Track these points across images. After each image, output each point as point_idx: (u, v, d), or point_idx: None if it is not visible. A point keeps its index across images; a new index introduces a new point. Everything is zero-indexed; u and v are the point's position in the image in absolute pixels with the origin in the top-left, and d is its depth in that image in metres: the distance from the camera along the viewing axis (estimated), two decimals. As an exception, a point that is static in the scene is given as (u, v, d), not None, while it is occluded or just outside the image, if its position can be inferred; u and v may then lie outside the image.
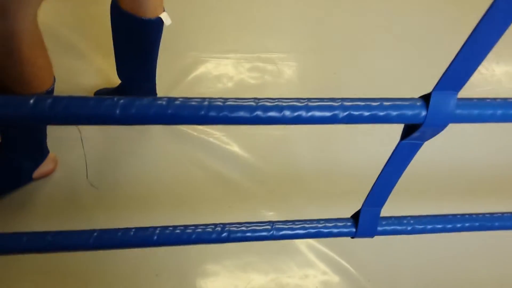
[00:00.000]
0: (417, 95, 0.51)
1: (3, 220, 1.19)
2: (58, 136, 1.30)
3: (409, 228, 0.71)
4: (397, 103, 0.48)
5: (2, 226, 1.17)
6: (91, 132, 1.36)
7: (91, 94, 1.45)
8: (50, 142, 1.24)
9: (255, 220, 0.68)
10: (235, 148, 1.43)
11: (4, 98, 0.42)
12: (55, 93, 1.05)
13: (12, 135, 1.13)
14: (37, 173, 1.24)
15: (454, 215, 0.73)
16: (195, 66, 1.62)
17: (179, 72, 1.60)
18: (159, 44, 1.28)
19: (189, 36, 1.71)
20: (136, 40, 1.24)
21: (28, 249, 0.62)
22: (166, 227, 0.66)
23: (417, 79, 1.73)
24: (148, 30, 1.21)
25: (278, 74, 1.67)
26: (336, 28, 1.89)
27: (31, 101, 0.41)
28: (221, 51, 1.69)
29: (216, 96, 0.46)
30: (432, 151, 0.92)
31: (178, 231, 0.66)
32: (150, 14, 1.17)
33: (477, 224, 0.74)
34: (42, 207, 1.22)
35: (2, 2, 0.80)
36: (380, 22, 1.95)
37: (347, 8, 1.97)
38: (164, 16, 1.19)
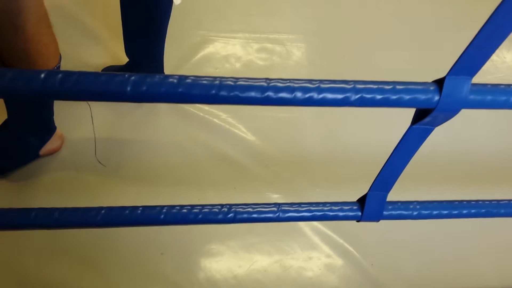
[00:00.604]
0: (428, 80, 0.50)
1: (10, 196, 1.20)
2: (65, 114, 1.30)
3: (415, 213, 0.71)
4: (410, 87, 0.47)
5: (9, 202, 1.18)
6: (99, 110, 1.36)
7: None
8: (57, 120, 1.24)
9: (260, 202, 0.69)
10: (241, 130, 1.43)
11: (15, 71, 0.42)
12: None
13: (19, 111, 1.13)
14: (44, 150, 1.24)
15: (460, 201, 0.73)
16: (203, 45, 1.61)
17: (187, 51, 1.59)
18: (167, 23, 1.26)
19: (198, 15, 1.70)
20: (145, 19, 1.23)
21: (36, 225, 0.62)
22: (173, 207, 0.66)
23: (427, 65, 1.71)
24: (157, 9, 1.20)
25: (286, 56, 1.65)
26: (347, 11, 1.86)
27: (42, 75, 0.41)
28: (229, 31, 1.67)
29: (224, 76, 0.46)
30: (439, 136, 0.91)
31: (184, 210, 0.66)
32: (159, -8, 1.16)
33: (483, 210, 0.74)
34: (49, 184, 1.23)
35: None
36: (392, 8, 1.92)
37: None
38: (174, -5, 1.18)
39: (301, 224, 1.28)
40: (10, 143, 1.20)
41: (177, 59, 1.54)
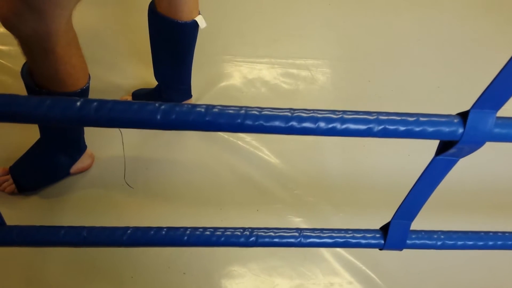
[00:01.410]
0: (452, 106, 0.50)
1: (40, 213, 1.24)
2: (96, 134, 1.34)
3: (439, 243, 0.70)
4: (434, 119, 0.47)
5: (40, 218, 1.22)
6: (128, 130, 1.40)
7: (129, 94, 1.49)
8: (88, 140, 1.28)
9: (282, 226, 0.69)
10: (265, 152, 1.44)
11: (52, 100, 0.44)
12: (94, 92, 1.09)
13: (51, 131, 1.17)
14: (74, 168, 1.28)
15: (486, 232, 0.72)
16: (229, 69, 1.65)
17: (214, 75, 1.62)
18: (194, 47, 1.30)
19: (224, 39, 1.74)
20: (172, 43, 1.27)
21: (65, 242, 0.64)
22: (197, 228, 0.67)
23: (452, 90, 1.70)
24: (183, 32, 1.23)
25: (311, 81, 1.67)
26: (372, 35, 1.87)
27: (78, 103, 0.43)
28: (254, 56, 1.70)
29: (249, 100, 0.47)
30: (465, 165, 0.90)
31: (207, 232, 0.67)
32: (185, 17, 1.19)
33: (510, 242, 0.73)
34: (78, 202, 1.27)
35: (38, 3, 0.82)
36: (416, 31, 1.92)
37: (382, 16, 1.95)
38: (199, 19, 1.21)
39: (323, 249, 1.27)
40: (42, 161, 1.24)
41: (204, 83, 1.58)
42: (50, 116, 0.43)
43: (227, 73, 1.64)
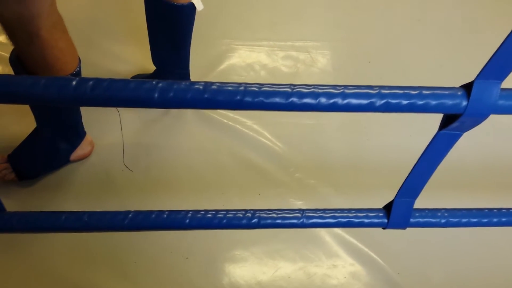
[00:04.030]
0: (455, 85, 0.49)
1: (41, 200, 1.23)
2: (95, 120, 1.33)
3: (443, 221, 0.70)
4: (437, 92, 0.47)
5: (40, 206, 1.22)
6: (127, 116, 1.40)
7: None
8: (87, 126, 1.27)
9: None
10: (266, 136, 1.43)
11: (47, 79, 0.43)
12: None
13: (47, 118, 1.16)
14: (74, 155, 1.28)
15: (490, 209, 0.71)
16: (228, 53, 1.63)
17: (213, 59, 1.61)
18: (191, 30, 1.29)
19: (223, 23, 1.72)
20: (170, 26, 1.25)
21: (66, 227, 0.64)
22: (198, 211, 0.67)
23: (455, 69, 1.69)
24: (180, 15, 1.22)
25: (311, 63, 1.65)
26: (371, 16, 1.85)
27: (74, 82, 0.42)
28: (254, 39, 1.68)
29: (249, 83, 0.46)
30: (468, 141, 0.89)
31: (209, 215, 0.67)
32: (182, 0, 1.18)
33: (514, 219, 0.72)
34: (79, 188, 1.26)
35: None
36: (417, 12, 1.90)
37: (384, -4, 1.92)
38: (196, 1, 1.20)
39: (326, 232, 1.27)
40: (41, 148, 1.23)
41: (203, 68, 1.56)
42: (46, 96, 0.42)
43: (226, 57, 1.62)
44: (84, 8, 1.65)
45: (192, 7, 1.20)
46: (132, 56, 1.57)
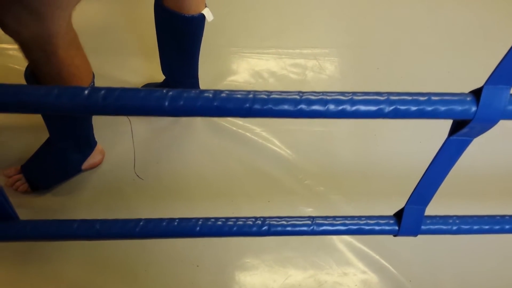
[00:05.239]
0: (463, 91, 0.49)
1: (53, 209, 1.24)
2: (106, 130, 1.35)
3: (454, 228, 0.69)
4: (446, 98, 0.47)
5: (53, 214, 1.23)
6: (138, 125, 1.41)
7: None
8: (98, 136, 1.29)
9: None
10: (275, 144, 1.43)
11: (60, 88, 0.44)
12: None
13: (59, 128, 1.17)
14: (85, 164, 1.29)
15: (502, 216, 0.71)
16: (236, 61, 1.64)
17: (221, 68, 1.62)
18: (201, 40, 1.30)
19: (230, 32, 1.73)
20: (179, 36, 1.26)
21: (78, 235, 0.64)
22: (208, 219, 0.67)
23: (464, 76, 1.68)
24: (190, 26, 1.23)
25: (319, 70, 1.66)
26: (378, 23, 1.85)
27: (86, 92, 0.43)
28: (262, 47, 1.69)
29: (258, 91, 0.47)
30: (479, 147, 0.89)
31: (219, 223, 0.67)
32: (192, 11, 1.19)
33: (527, 226, 0.71)
34: (90, 197, 1.27)
35: (38, 6, 0.80)
36: (425, 18, 1.89)
37: (389, 3, 1.92)
38: (206, 12, 1.21)
39: (336, 239, 1.26)
40: (53, 158, 1.25)
41: (212, 76, 1.58)
42: (58, 105, 0.43)
43: (235, 65, 1.63)
44: (94, 19, 1.68)
45: (202, 18, 1.21)
46: (141, 66, 1.58)
